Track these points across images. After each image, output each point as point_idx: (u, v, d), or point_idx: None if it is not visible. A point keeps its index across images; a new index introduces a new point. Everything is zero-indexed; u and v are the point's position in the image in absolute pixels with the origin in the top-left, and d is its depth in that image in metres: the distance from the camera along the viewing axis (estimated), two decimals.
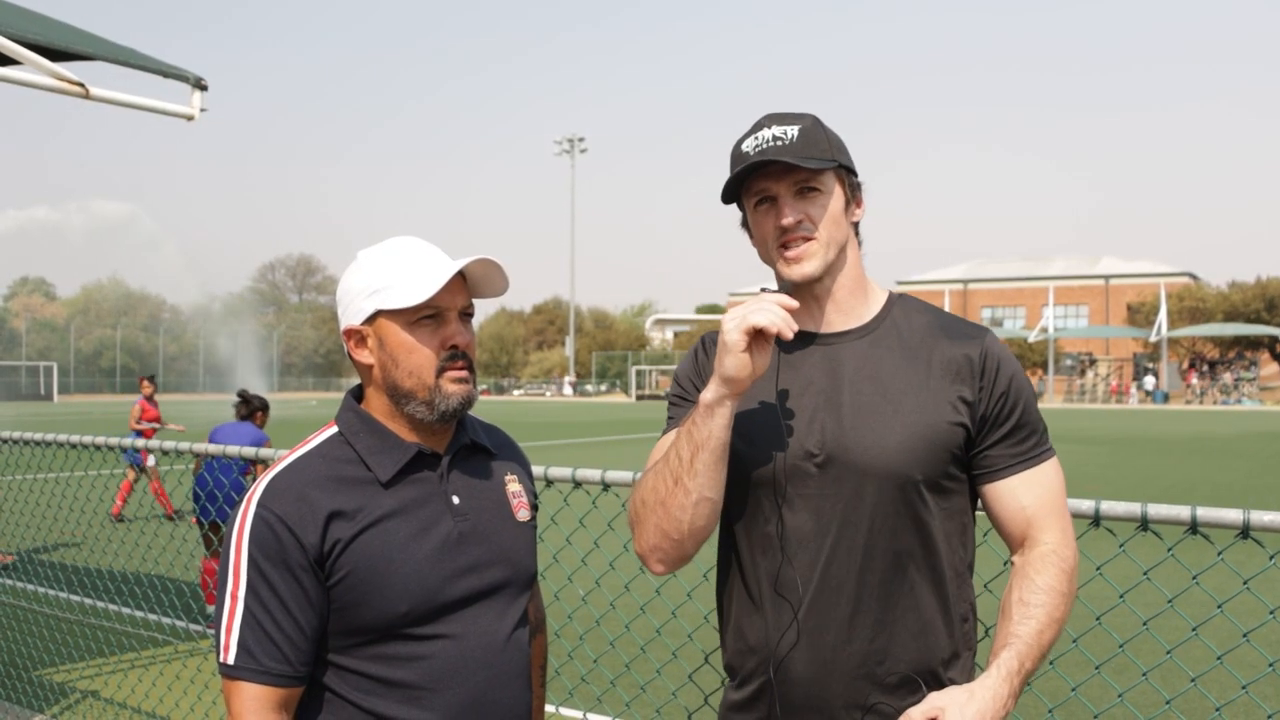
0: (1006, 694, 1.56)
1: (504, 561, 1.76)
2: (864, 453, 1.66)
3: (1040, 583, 1.66)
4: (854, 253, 1.79)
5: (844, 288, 1.77)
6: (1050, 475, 1.74)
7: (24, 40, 4.52)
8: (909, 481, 1.66)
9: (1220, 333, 58.85)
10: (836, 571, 1.67)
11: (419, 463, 1.72)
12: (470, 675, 1.68)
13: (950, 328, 1.77)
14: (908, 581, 1.68)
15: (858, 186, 1.79)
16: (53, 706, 5.26)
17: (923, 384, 1.70)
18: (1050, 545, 1.70)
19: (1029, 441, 1.73)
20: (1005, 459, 1.71)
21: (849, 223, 1.77)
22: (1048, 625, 1.64)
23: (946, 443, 1.68)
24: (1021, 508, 1.71)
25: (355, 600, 1.62)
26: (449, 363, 1.70)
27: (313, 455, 1.70)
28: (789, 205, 1.70)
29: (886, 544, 1.67)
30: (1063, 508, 1.75)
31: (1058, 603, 1.66)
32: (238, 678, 1.59)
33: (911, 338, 1.75)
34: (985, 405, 1.70)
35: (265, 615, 1.59)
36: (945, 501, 1.71)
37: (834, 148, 1.73)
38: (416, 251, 1.71)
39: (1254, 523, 2.03)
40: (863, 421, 1.68)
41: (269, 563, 1.59)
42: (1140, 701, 5.03)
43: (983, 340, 1.74)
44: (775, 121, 1.73)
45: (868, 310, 1.79)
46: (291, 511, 1.61)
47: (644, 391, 70.83)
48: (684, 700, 4.40)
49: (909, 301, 1.83)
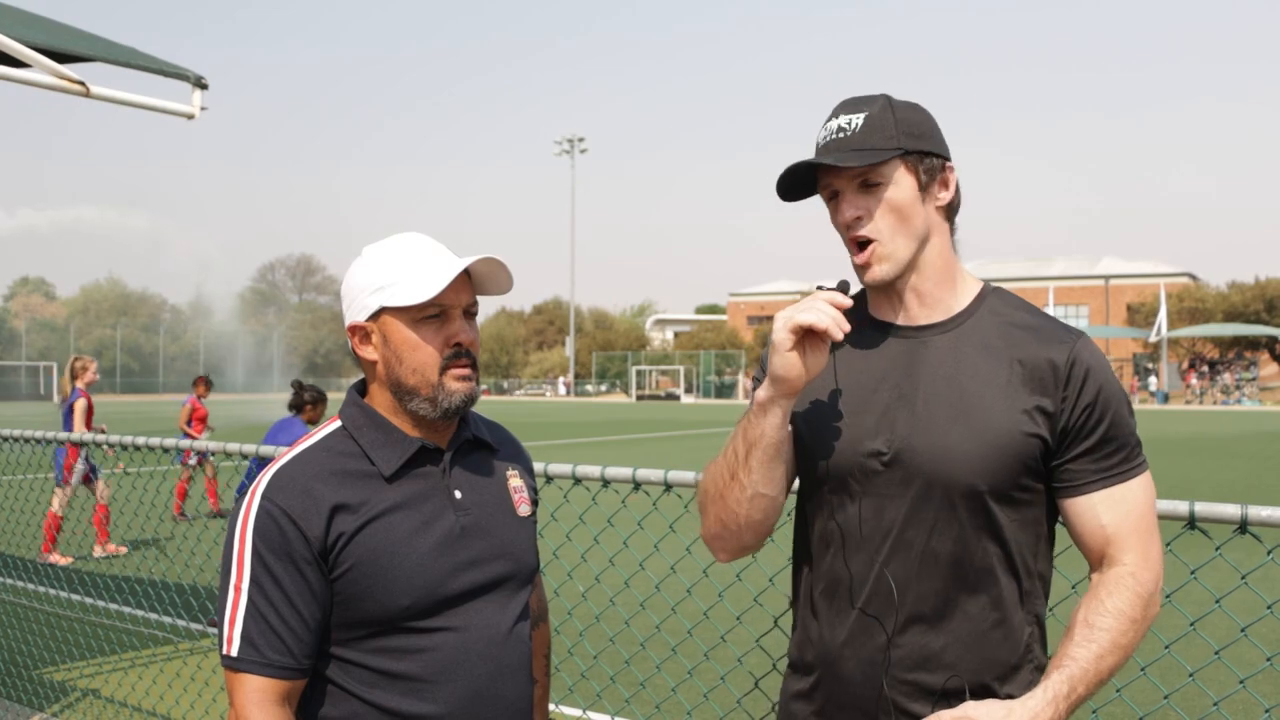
0: (1048, 718, 1.49)
1: (505, 556, 1.77)
2: (930, 457, 1.60)
3: (1110, 605, 1.57)
4: (941, 240, 1.68)
5: (929, 279, 1.68)
6: (1137, 494, 1.63)
7: (24, 40, 4.53)
8: (973, 491, 1.59)
9: (1220, 333, 58.86)
10: (894, 572, 1.62)
11: (422, 457, 1.73)
12: (472, 668, 1.68)
13: (1040, 329, 1.65)
14: (966, 590, 1.61)
15: (937, 169, 1.66)
16: (53, 704, 5.26)
17: (1001, 389, 1.60)
18: (1129, 567, 1.60)
19: (1115, 457, 1.61)
20: (1088, 474, 1.61)
21: (931, 208, 1.66)
22: (1110, 651, 1.55)
23: (1019, 454, 1.58)
24: (1101, 526, 1.61)
25: (358, 593, 1.63)
26: (453, 360, 1.70)
27: (316, 449, 1.71)
28: (848, 201, 1.65)
29: (947, 550, 1.61)
30: (1148, 529, 1.63)
31: (1125, 628, 1.57)
32: (240, 670, 1.59)
33: (997, 337, 1.65)
34: (1068, 417, 1.59)
35: (269, 608, 1.59)
36: (1016, 513, 1.62)
37: (903, 133, 1.62)
38: (422, 249, 1.72)
39: (1252, 518, 2.03)
40: (933, 423, 1.61)
41: (273, 555, 1.60)
42: (1138, 697, 5.03)
43: (1072, 345, 1.62)
44: (845, 109, 1.67)
45: (956, 303, 1.69)
46: (296, 504, 1.61)
47: (644, 392, 70.82)
48: (683, 697, 4.40)
49: (1002, 296, 1.72)
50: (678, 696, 4.13)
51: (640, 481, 2.73)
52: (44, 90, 4.76)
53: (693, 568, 3.42)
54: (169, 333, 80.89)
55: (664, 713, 4.84)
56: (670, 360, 76.67)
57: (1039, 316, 1.69)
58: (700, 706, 4.56)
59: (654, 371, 75.02)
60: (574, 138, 74.02)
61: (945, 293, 1.68)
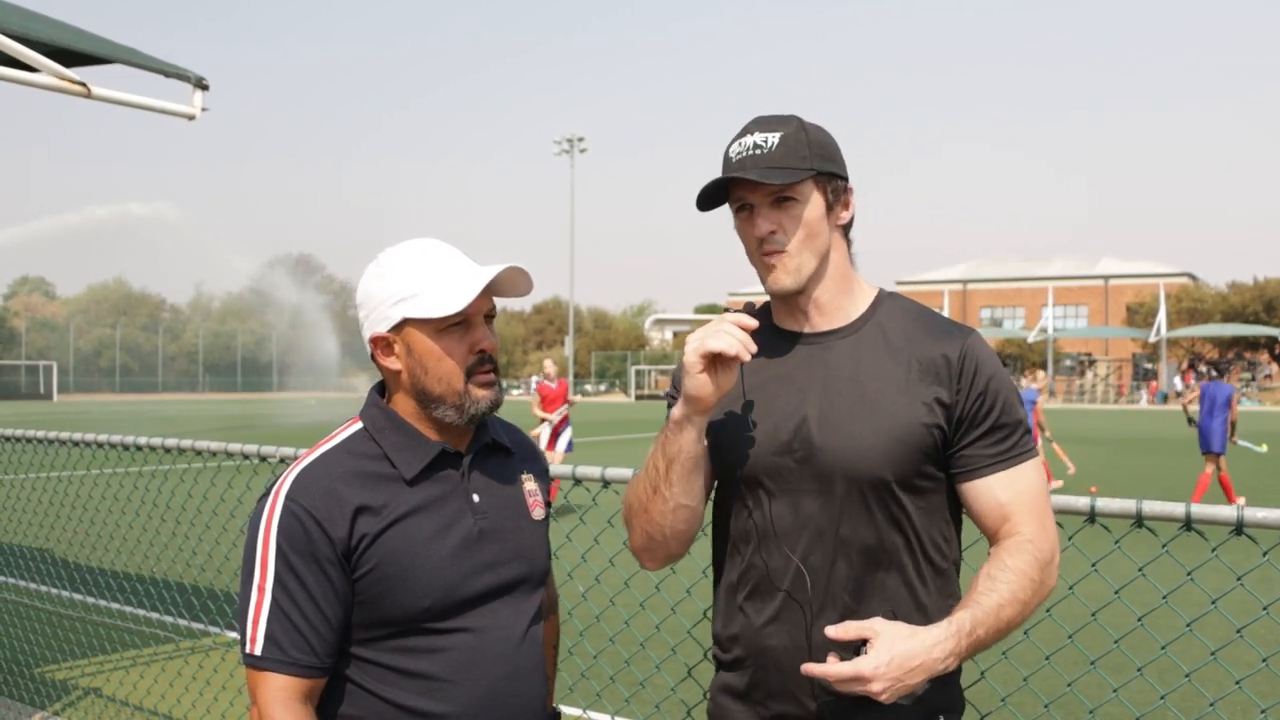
0: (949, 650, 1.57)
1: (521, 558, 1.80)
2: (836, 451, 1.70)
3: (1010, 563, 1.67)
4: (839, 255, 1.81)
5: (827, 290, 1.79)
6: (1029, 475, 1.74)
7: (26, 40, 4.54)
8: (880, 481, 1.69)
9: (1219, 333, 58.86)
10: (811, 564, 1.72)
11: (442, 461, 1.75)
12: (488, 669, 1.71)
13: (933, 327, 1.77)
14: (879, 577, 1.71)
15: (841, 190, 1.79)
16: (55, 703, 5.28)
17: (900, 384, 1.72)
18: (1027, 535, 1.70)
19: (1007, 442, 1.73)
20: (982, 459, 1.72)
21: (834, 227, 1.79)
22: (1009, 603, 1.64)
23: (919, 444, 1.70)
24: (999, 504, 1.72)
25: (379, 594, 1.65)
26: (477, 367, 1.72)
27: (339, 450, 1.72)
28: (763, 215, 1.74)
29: (859, 540, 1.70)
30: (1042, 506, 1.74)
31: (1024, 585, 1.66)
32: (264, 668, 1.61)
33: (895, 337, 1.77)
34: (962, 406, 1.71)
35: (293, 607, 1.61)
36: (922, 500, 1.73)
37: (815, 154, 1.73)
38: (443, 257, 1.73)
39: (1248, 519, 2.05)
40: (837, 420, 1.71)
41: (297, 555, 1.62)
42: (1135, 698, 5.04)
43: (964, 340, 1.74)
44: (759, 127, 1.75)
45: (854, 309, 1.81)
46: (320, 505, 1.63)
47: (643, 391, 70.82)
48: (683, 696, 4.42)
49: (896, 301, 1.84)
50: (677, 696, 4.14)
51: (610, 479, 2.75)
52: (46, 91, 4.77)
53: (692, 567, 3.44)
54: (168, 332, 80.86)
55: (663, 712, 4.85)
56: (670, 360, 76.66)
57: (930, 316, 1.80)
58: (700, 706, 4.57)
59: (653, 371, 75.02)
60: (573, 137, 73.92)
61: (844, 300, 1.81)
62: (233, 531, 5.06)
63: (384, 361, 1.75)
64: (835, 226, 1.79)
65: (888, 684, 1.53)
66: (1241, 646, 2.86)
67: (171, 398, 67.95)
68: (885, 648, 1.54)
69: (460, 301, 1.66)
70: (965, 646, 1.60)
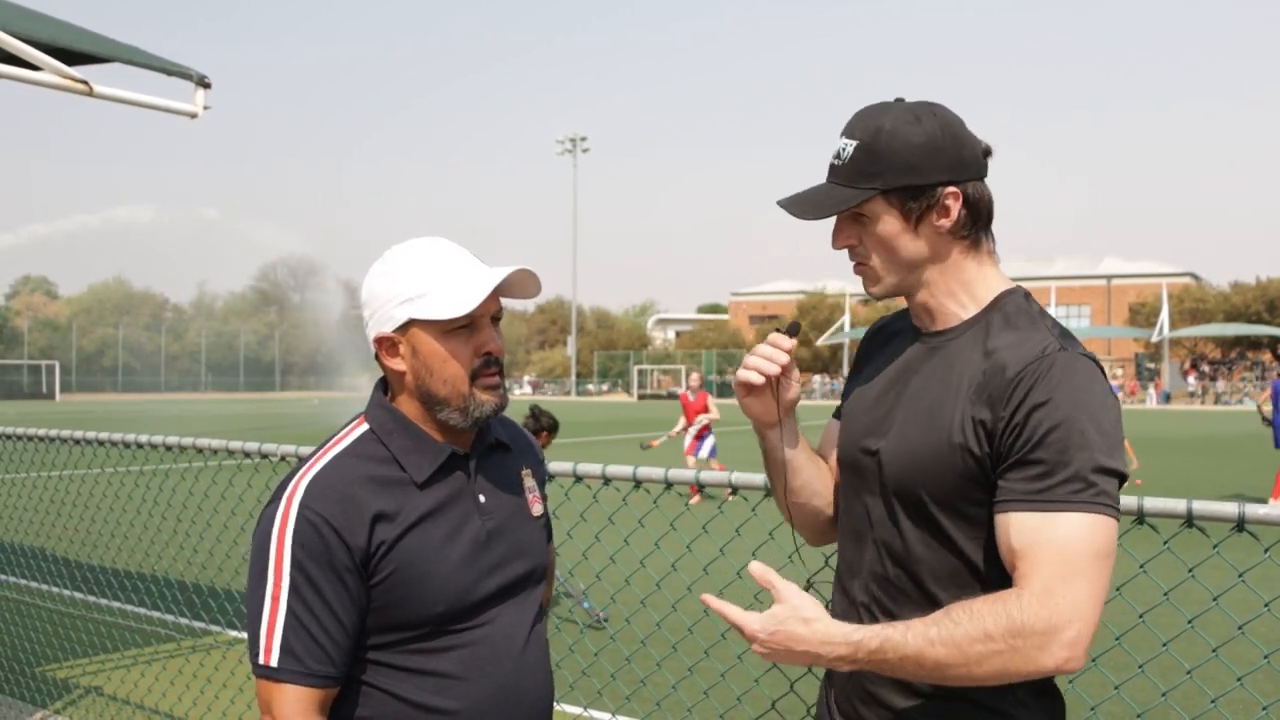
0: (840, 654, 1.47)
1: (525, 556, 1.80)
2: (893, 459, 1.65)
3: (977, 607, 1.45)
4: (949, 260, 1.66)
5: (935, 296, 1.69)
6: (1065, 529, 1.45)
7: (28, 40, 4.54)
8: (915, 497, 1.61)
9: (1221, 333, 58.80)
10: (868, 564, 1.70)
11: (450, 464, 1.73)
12: (498, 666, 1.71)
13: (1022, 340, 1.59)
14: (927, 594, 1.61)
15: (929, 201, 1.61)
16: (56, 702, 5.28)
17: (956, 396, 1.59)
18: (1023, 594, 1.44)
19: (1042, 482, 1.47)
20: (1011, 493, 1.50)
21: (928, 234, 1.63)
22: (947, 645, 1.44)
23: (952, 465, 1.56)
24: (1010, 547, 1.49)
25: (395, 600, 1.63)
26: (482, 370, 1.71)
27: (348, 454, 1.70)
28: (839, 229, 1.68)
29: (907, 552, 1.64)
30: (1069, 570, 1.44)
31: (976, 638, 1.42)
32: (281, 680, 1.58)
33: (984, 345, 1.62)
34: (1001, 430, 1.52)
35: (310, 617, 1.58)
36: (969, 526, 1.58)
37: (890, 168, 1.59)
38: (449, 257, 1.70)
39: (1249, 516, 2.04)
40: (904, 427, 1.65)
41: (314, 564, 1.59)
42: (1137, 695, 5.03)
43: (1034, 360, 1.53)
44: (848, 129, 1.65)
45: (966, 311, 1.68)
46: (337, 513, 1.61)
47: (645, 391, 70.80)
48: (683, 695, 4.41)
49: (1009, 303, 1.67)
50: (678, 694, 4.14)
51: (641, 479, 2.75)
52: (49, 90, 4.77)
53: (693, 565, 3.43)
54: (170, 331, 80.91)
55: (664, 710, 4.85)
56: (672, 360, 76.68)
57: (1030, 324, 1.62)
58: (700, 704, 4.57)
59: (656, 371, 75.00)
60: (576, 137, 73.97)
61: (954, 305, 1.69)
62: (234, 530, 5.06)
63: (388, 362, 1.73)
64: (937, 235, 1.64)
65: (766, 651, 1.50)
66: (1243, 644, 2.86)
67: (174, 397, 67.98)
68: (778, 618, 1.48)
69: (468, 304, 1.64)
70: (864, 659, 1.47)
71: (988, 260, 1.71)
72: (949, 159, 1.61)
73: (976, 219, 1.66)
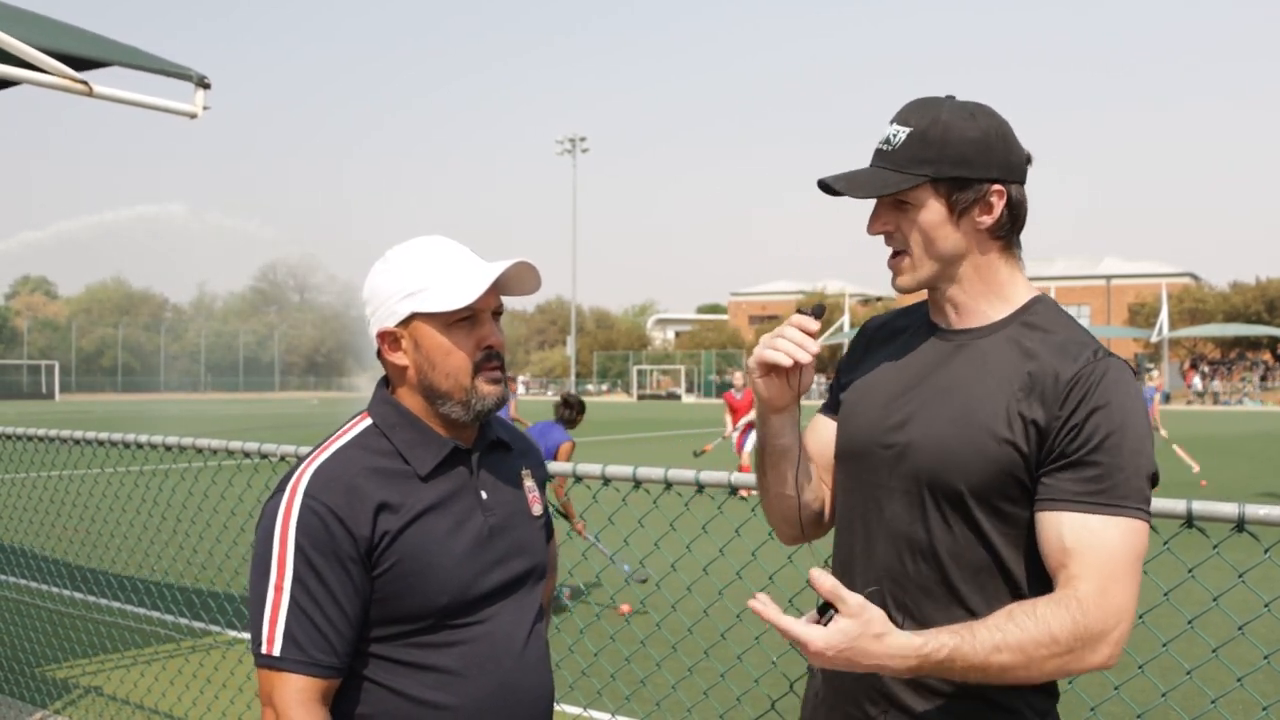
0: (910, 666, 1.43)
1: (526, 554, 1.81)
2: (921, 451, 1.63)
3: (1041, 613, 1.46)
4: (983, 258, 1.67)
5: (965, 292, 1.69)
6: (1113, 533, 1.49)
7: (29, 44, 4.53)
8: (954, 492, 1.59)
9: (1221, 333, 58.85)
10: (889, 563, 1.66)
11: (453, 458, 1.75)
12: (499, 664, 1.72)
13: (1065, 341, 1.61)
14: (956, 589, 1.60)
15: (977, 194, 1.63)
16: (55, 702, 5.28)
17: (1003, 395, 1.59)
18: (1079, 594, 1.47)
19: (1099, 484, 1.51)
20: (1061, 491, 1.53)
21: (968, 229, 1.65)
22: (1012, 651, 1.44)
23: (998, 460, 1.56)
24: (1063, 546, 1.51)
25: (398, 591, 1.64)
26: (484, 363, 1.73)
27: (352, 446, 1.71)
28: (878, 215, 1.69)
29: (933, 547, 1.62)
30: (1117, 572, 1.48)
31: (1041, 640, 1.44)
32: (283, 669, 1.58)
33: (1024, 346, 1.63)
34: (1056, 432, 1.54)
35: (313, 607, 1.59)
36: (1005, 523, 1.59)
37: (942, 158, 1.61)
38: (450, 253, 1.73)
39: (1249, 516, 2.04)
40: (933, 421, 1.64)
41: (318, 554, 1.59)
42: (1136, 695, 5.04)
43: (1087, 363, 1.57)
44: (900, 116, 1.67)
45: (995, 312, 1.69)
46: (342, 503, 1.62)
47: (645, 391, 70.85)
48: (683, 695, 4.41)
49: (1044, 308, 1.69)
50: (678, 694, 4.14)
51: (641, 480, 2.75)
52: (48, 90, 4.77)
53: (692, 565, 3.43)
54: (170, 331, 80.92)
55: (664, 711, 4.85)
56: (672, 360, 76.72)
57: (1071, 330, 1.65)
58: (700, 704, 4.57)
59: (655, 371, 75.05)
60: (575, 137, 73.94)
61: (984, 304, 1.69)
62: (234, 530, 5.05)
63: (390, 357, 1.75)
64: (976, 231, 1.65)
65: (825, 664, 1.42)
66: (1243, 644, 2.86)
67: (174, 397, 67.95)
68: (847, 634, 1.40)
69: (470, 295, 1.66)
70: (930, 669, 1.45)
71: (1017, 265, 1.72)
72: (1000, 158, 1.64)
73: (1015, 221, 1.68)
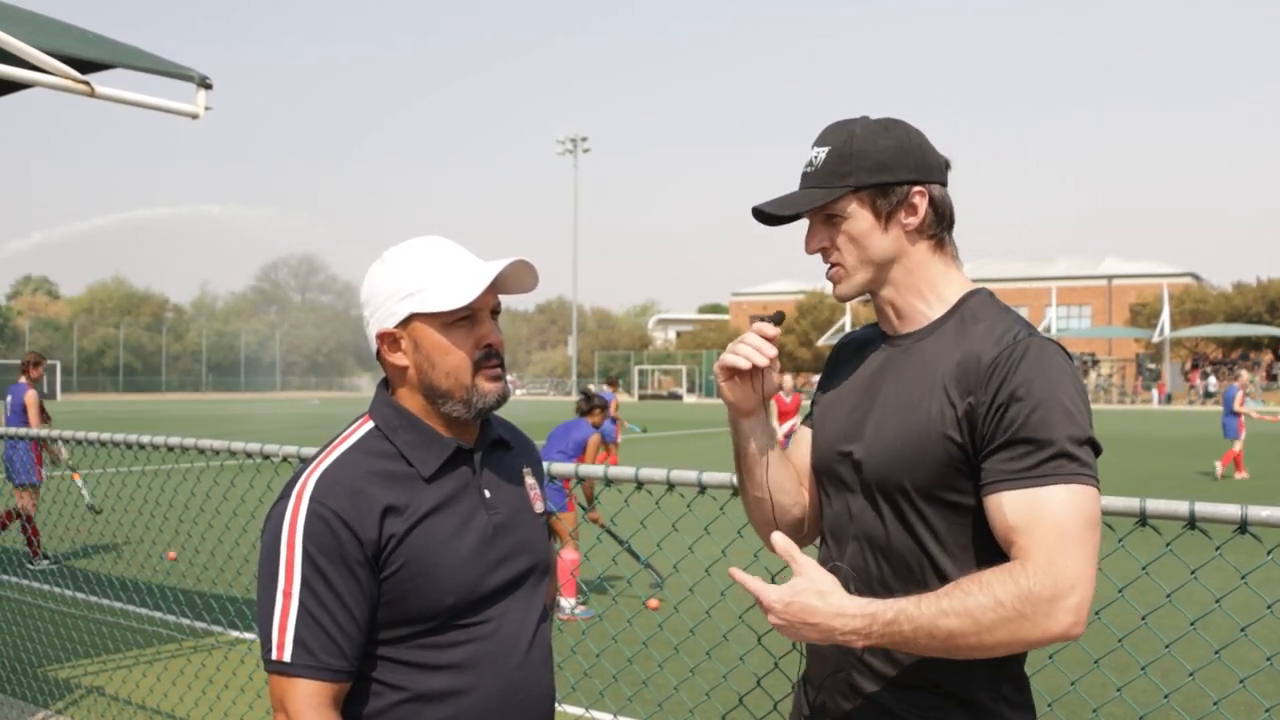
0: (855, 627, 1.51)
1: (529, 552, 1.82)
2: (871, 455, 1.71)
3: (985, 578, 1.51)
4: (914, 260, 1.75)
5: (901, 295, 1.77)
6: (1054, 502, 1.53)
7: (31, 45, 4.53)
8: (899, 488, 1.67)
9: (1222, 334, 58.81)
10: (855, 566, 1.73)
11: (456, 458, 1.75)
12: (506, 661, 1.73)
13: (989, 330, 1.67)
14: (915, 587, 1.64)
15: (899, 198, 1.71)
16: (58, 702, 5.28)
17: (936, 388, 1.66)
18: (1026, 566, 1.51)
19: (1028, 459, 1.55)
20: (1000, 473, 1.57)
21: (896, 233, 1.73)
22: (958, 614, 1.49)
23: (936, 453, 1.63)
24: (1007, 526, 1.56)
25: (405, 593, 1.65)
26: (484, 361, 1.73)
27: (355, 450, 1.72)
28: (812, 232, 1.79)
29: (891, 547, 1.69)
30: (1065, 539, 1.51)
31: (987, 605, 1.49)
32: (294, 675, 1.58)
33: (955, 338, 1.70)
34: (982, 415, 1.60)
35: (323, 612, 1.59)
36: (954, 514, 1.65)
37: (860, 168, 1.70)
38: (447, 253, 1.74)
39: (1252, 518, 2.04)
40: (883, 425, 1.71)
41: (326, 559, 1.60)
42: (1139, 697, 5.04)
43: (1006, 345, 1.62)
44: (819, 139, 1.77)
45: (933, 312, 1.76)
46: (348, 507, 1.62)
47: (646, 391, 70.81)
48: (685, 696, 4.42)
49: (977, 302, 1.75)
50: (680, 695, 4.14)
51: (643, 481, 2.75)
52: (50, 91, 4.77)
53: (695, 566, 3.43)
54: (171, 332, 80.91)
55: (666, 711, 4.85)
56: (673, 360, 76.72)
57: (999, 318, 1.70)
58: (702, 705, 4.57)
59: (656, 371, 75.02)
60: (577, 137, 73.95)
61: (921, 305, 1.77)
62: (235, 530, 5.06)
63: (390, 358, 1.75)
64: (904, 233, 1.73)
65: (782, 622, 1.53)
66: (1245, 646, 2.86)
67: (175, 397, 67.96)
68: (795, 589, 1.52)
69: (468, 294, 1.67)
70: (879, 631, 1.52)
71: (952, 263, 1.80)
72: (916, 161, 1.74)
73: (941, 220, 1.77)
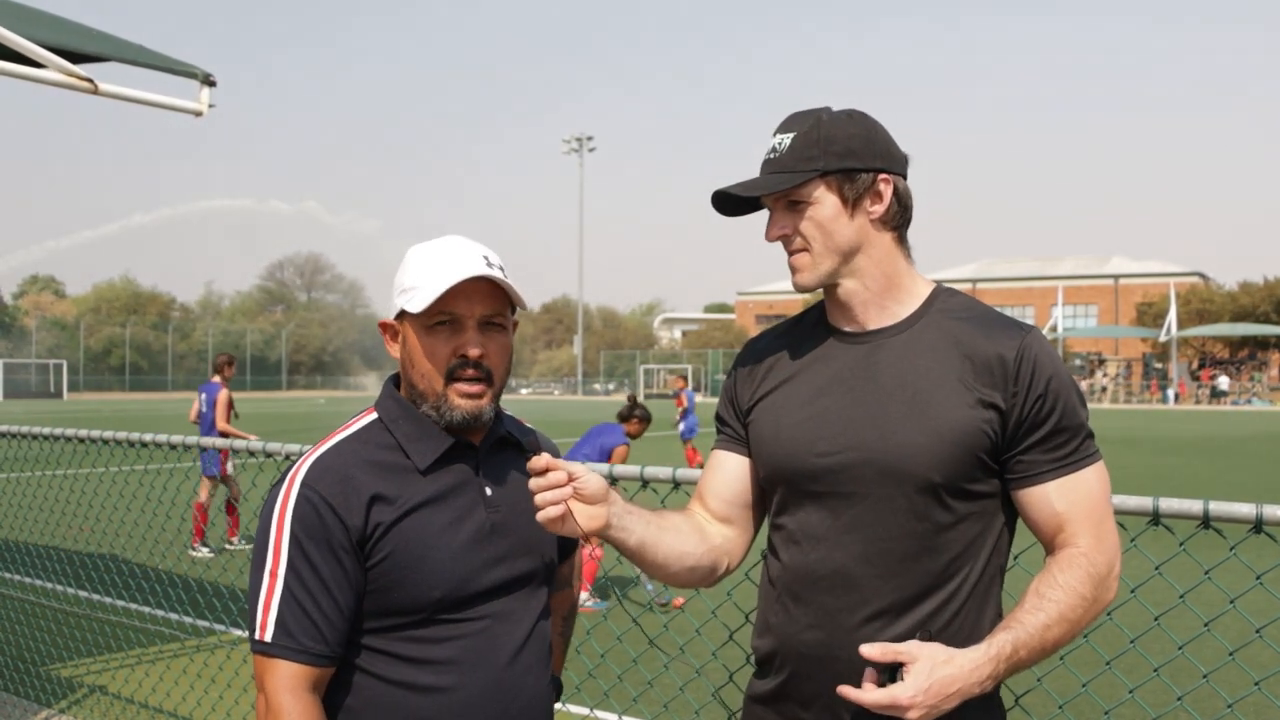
0: (988, 674, 1.53)
1: (531, 553, 1.79)
2: (885, 454, 1.65)
3: (1061, 579, 1.61)
4: (879, 251, 1.73)
5: (867, 287, 1.74)
6: (1090, 481, 1.66)
7: (35, 40, 4.52)
8: (928, 484, 1.64)
9: (1229, 333, 58.67)
10: (851, 569, 1.67)
11: (456, 453, 1.74)
12: (495, 661, 1.71)
13: (989, 325, 1.70)
14: (925, 582, 1.65)
15: (866, 184, 1.70)
16: (61, 701, 5.28)
17: (951, 385, 1.65)
18: (1082, 548, 1.64)
19: (1067, 447, 1.65)
20: (1041, 464, 1.65)
21: (861, 221, 1.71)
22: (1057, 622, 1.59)
23: (971, 447, 1.63)
24: (1055, 513, 1.65)
25: (391, 583, 1.65)
26: (459, 371, 1.70)
27: (353, 439, 1.73)
28: (774, 220, 1.75)
29: (905, 545, 1.65)
30: (1101, 515, 1.67)
31: (1075, 603, 1.60)
32: (274, 655, 1.60)
33: (946, 335, 1.70)
34: (1020, 410, 1.63)
35: (305, 594, 1.60)
36: (970, 505, 1.67)
37: (827, 152, 1.68)
38: (452, 255, 1.71)
39: (1267, 517, 2.01)
40: (888, 422, 1.66)
41: (312, 542, 1.61)
42: (1151, 699, 5.00)
43: (1021, 339, 1.66)
44: (782, 127, 1.75)
45: (902, 308, 1.75)
46: (335, 493, 1.63)
47: (652, 390, 70.83)
48: (691, 696, 4.39)
49: (951, 298, 1.77)
50: (685, 696, 4.12)
51: (649, 479, 2.73)
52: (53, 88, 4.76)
53: None
54: (178, 330, 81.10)
55: (671, 712, 4.82)
56: (678, 359, 76.69)
57: (987, 314, 1.73)
58: (708, 706, 4.54)
59: (662, 370, 75.04)
60: (582, 136, 74.01)
61: (888, 299, 1.75)
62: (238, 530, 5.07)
63: (390, 348, 1.79)
64: (867, 221, 1.72)
65: (924, 711, 1.50)
66: (1260, 647, 2.82)
67: (182, 396, 68.12)
68: (923, 673, 1.50)
69: (430, 297, 1.65)
70: (1004, 669, 1.56)
71: (910, 260, 1.79)
72: (882, 149, 1.73)
73: (904, 212, 1.76)
